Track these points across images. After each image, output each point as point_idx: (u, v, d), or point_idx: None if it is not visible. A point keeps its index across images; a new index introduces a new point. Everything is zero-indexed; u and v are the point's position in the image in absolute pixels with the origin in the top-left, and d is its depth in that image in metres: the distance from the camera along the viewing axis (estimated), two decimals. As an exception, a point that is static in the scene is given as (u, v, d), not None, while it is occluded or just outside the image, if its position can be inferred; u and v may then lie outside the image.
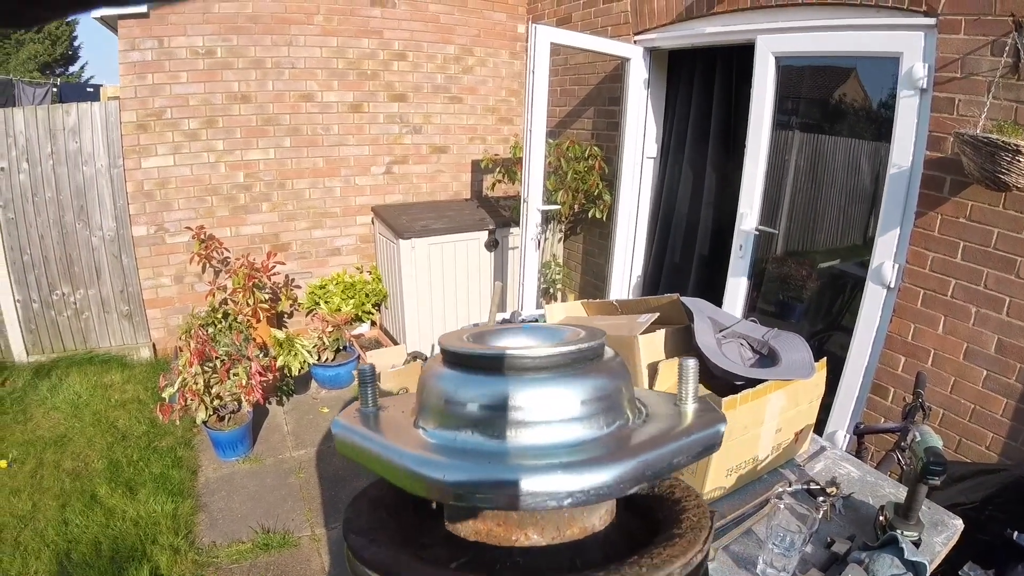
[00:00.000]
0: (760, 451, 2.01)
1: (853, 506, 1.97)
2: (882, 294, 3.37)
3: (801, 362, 2.02)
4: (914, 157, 3.14)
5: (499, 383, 0.48)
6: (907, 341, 3.29)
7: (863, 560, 1.66)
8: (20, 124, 4.71)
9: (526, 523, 0.50)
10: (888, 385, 3.40)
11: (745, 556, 1.77)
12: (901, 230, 3.24)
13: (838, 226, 4.14)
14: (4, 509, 3.57)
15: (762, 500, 1.95)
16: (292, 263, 5.65)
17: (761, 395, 1.89)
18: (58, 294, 5.11)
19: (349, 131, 5.59)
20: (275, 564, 3.36)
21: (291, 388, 4.98)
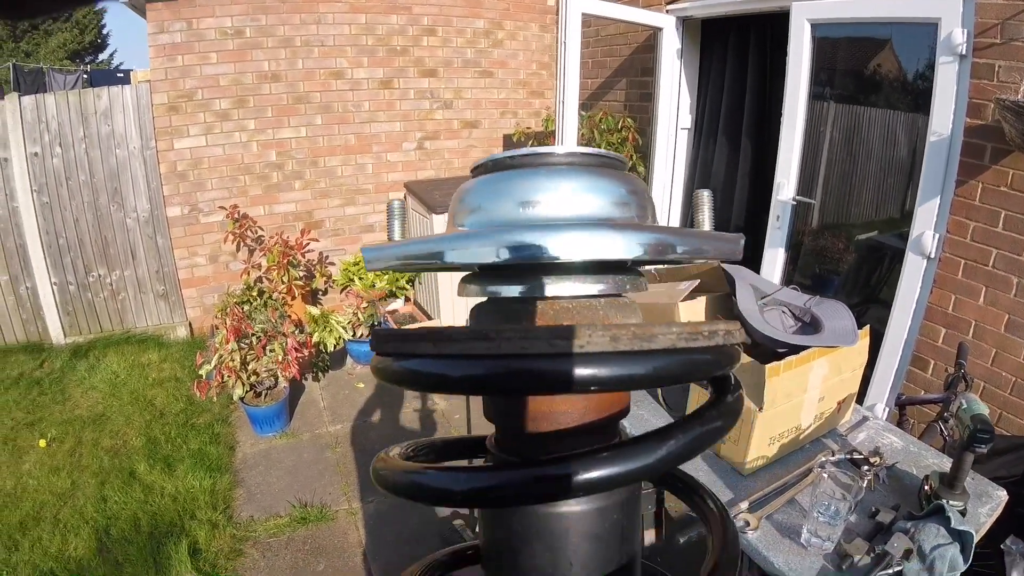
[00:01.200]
0: (803, 420, 2.00)
1: (897, 476, 1.95)
2: (922, 264, 3.31)
3: (844, 329, 1.99)
4: (954, 125, 3.06)
5: (532, 175, 0.46)
6: (947, 312, 3.23)
7: (909, 529, 1.64)
8: (52, 109, 4.75)
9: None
10: (928, 357, 3.35)
11: (789, 525, 1.76)
12: (941, 199, 3.18)
13: (875, 198, 4.07)
14: (44, 487, 3.63)
15: (805, 469, 1.93)
16: (325, 240, 5.67)
17: (804, 362, 1.87)
18: (94, 276, 5.17)
19: (380, 107, 5.57)
20: (312, 537, 3.39)
21: (327, 364, 5.01)
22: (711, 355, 0.42)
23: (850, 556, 1.60)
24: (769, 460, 1.99)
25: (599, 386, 0.38)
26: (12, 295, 5.00)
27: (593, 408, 0.46)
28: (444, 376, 0.41)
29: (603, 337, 0.38)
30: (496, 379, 0.39)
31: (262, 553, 3.29)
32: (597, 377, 0.38)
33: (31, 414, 4.32)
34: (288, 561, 3.24)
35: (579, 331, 0.38)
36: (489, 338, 0.38)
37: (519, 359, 0.38)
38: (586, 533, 0.45)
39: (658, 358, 0.39)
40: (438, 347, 0.40)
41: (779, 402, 1.86)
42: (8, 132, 4.65)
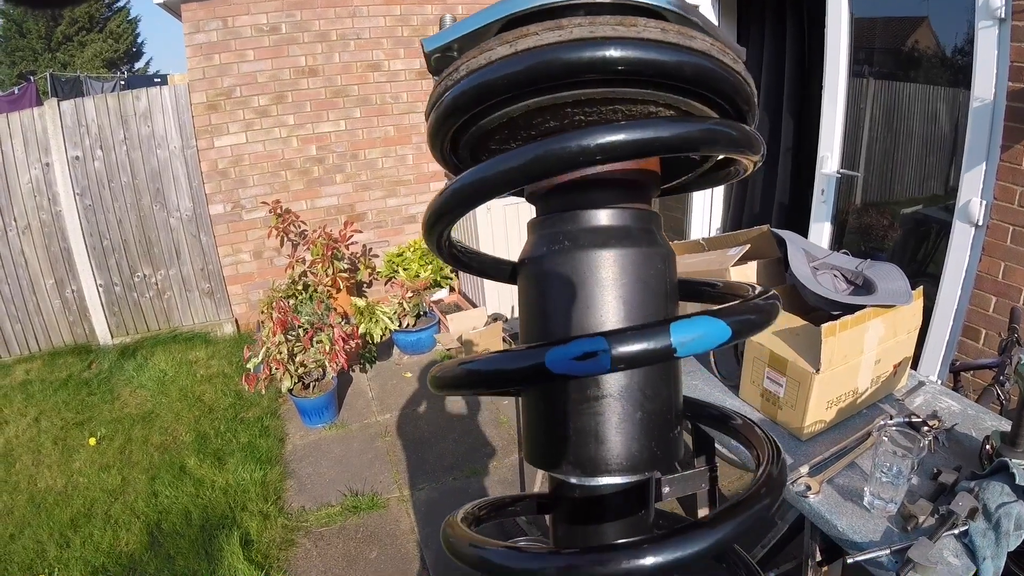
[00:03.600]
0: (859, 383, 1.97)
1: (956, 439, 1.92)
2: (970, 232, 3.25)
3: (899, 290, 1.96)
4: (996, 90, 3.00)
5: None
6: (997, 280, 3.16)
7: (972, 489, 1.61)
8: (91, 112, 4.84)
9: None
10: (979, 326, 3.28)
11: (851, 489, 1.74)
12: (987, 165, 3.11)
13: (919, 173, 4.00)
14: (94, 484, 3.70)
15: (863, 433, 1.90)
16: (368, 233, 5.70)
17: (860, 322, 1.85)
18: (139, 276, 5.26)
19: (418, 98, 5.59)
20: (364, 526, 3.41)
21: (374, 355, 5.03)
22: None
23: (915, 517, 1.57)
24: (827, 425, 1.96)
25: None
26: (58, 298, 5.10)
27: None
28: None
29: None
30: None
31: (314, 543, 3.31)
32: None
33: (80, 414, 4.40)
34: (340, 550, 3.26)
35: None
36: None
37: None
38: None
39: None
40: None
41: (836, 364, 1.84)
42: (49, 137, 4.75)
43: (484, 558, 0.44)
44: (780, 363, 1.93)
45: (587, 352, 0.43)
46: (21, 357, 5.06)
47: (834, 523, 1.64)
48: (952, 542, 1.54)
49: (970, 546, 1.52)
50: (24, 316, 5.02)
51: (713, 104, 0.52)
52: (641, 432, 0.50)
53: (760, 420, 2.07)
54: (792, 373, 1.90)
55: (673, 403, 0.52)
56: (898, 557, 1.49)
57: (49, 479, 3.77)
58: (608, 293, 0.50)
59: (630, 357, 0.43)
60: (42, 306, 5.06)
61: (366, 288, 5.83)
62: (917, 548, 1.44)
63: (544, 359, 0.44)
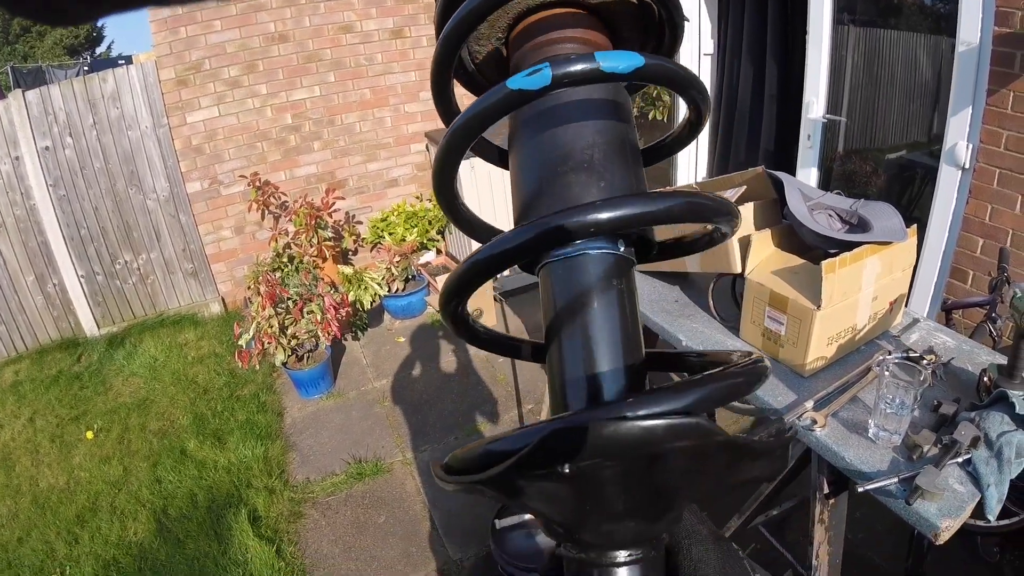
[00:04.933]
0: (858, 320, 2.00)
1: (953, 373, 1.96)
2: (957, 175, 3.26)
3: (893, 227, 1.99)
4: (982, 34, 2.99)
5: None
6: (984, 223, 3.18)
7: (974, 419, 1.66)
8: (58, 100, 4.71)
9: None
10: (967, 268, 3.31)
11: (855, 422, 1.78)
12: (973, 109, 3.12)
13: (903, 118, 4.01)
14: (96, 477, 3.70)
15: (864, 368, 1.94)
16: (351, 199, 5.64)
17: (858, 259, 1.88)
18: (120, 263, 5.18)
19: (393, 59, 5.47)
20: (370, 491, 3.46)
21: (365, 322, 5.04)
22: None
23: (919, 447, 1.61)
24: (828, 361, 1.99)
25: None
26: (40, 294, 5.02)
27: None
28: None
29: None
30: None
31: (322, 512, 3.36)
32: None
33: (74, 408, 4.38)
34: (349, 517, 3.31)
35: None
36: None
37: None
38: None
39: None
40: None
41: (836, 300, 1.87)
42: (16, 130, 4.61)
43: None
44: (781, 302, 1.95)
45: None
46: (8, 359, 4.99)
47: (841, 455, 1.69)
48: (956, 470, 1.59)
49: (974, 474, 1.57)
50: (7, 316, 4.94)
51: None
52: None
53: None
54: (793, 311, 1.92)
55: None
56: (906, 485, 1.53)
57: (51, 478, 3.76)
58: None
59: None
60: (24, 304, 4.98)
61: (352, 256, 5.78)
62: (924, 476, 1.48)
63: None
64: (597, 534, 0.41)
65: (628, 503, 0.39)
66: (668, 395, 0.37)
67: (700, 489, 0.40)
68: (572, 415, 0.39)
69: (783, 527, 2.81)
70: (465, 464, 0.41)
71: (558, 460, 0.36)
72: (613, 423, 0.35)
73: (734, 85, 4.76)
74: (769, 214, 2.22)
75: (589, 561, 0.41)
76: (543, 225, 0.41)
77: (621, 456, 0.36)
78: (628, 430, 0.35)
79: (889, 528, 2.83)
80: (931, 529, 1.47)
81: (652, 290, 2.59)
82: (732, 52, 4.73)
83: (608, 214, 0.39)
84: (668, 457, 0.37)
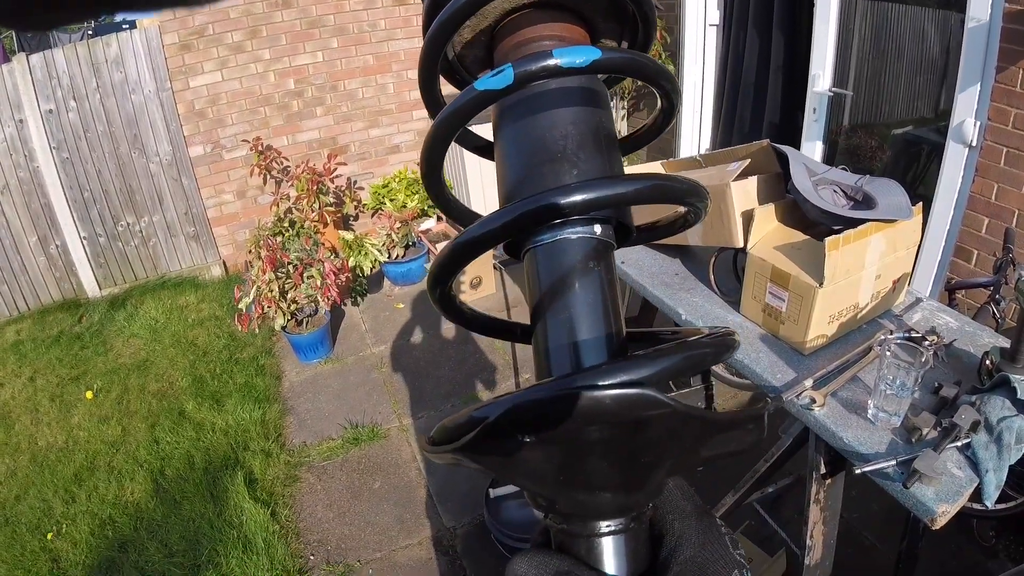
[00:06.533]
0: (860, 298, 1.98)
1: (955, 355, 1.94)
2: (963, 153, 3.23)
3: (899, 205, 1.96)
4: (992, 10, 2.96)
5: None
6: (990, 201, 3.16)
7: (974, 403, 1.64)
8: (62, 63, 4.68)
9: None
10: (972, 248, 3.29)
11: (854, 401, 1.77)
12: (982, 86, 3.08)
13: (910, 93, 3.97)
14: (95, 437, 3.72)
15: (865, 348, 1.92)
16: (352, 165, 5.62)
17: (863, 236, 1.85)
18: (123, 225, 5.18)
19: (396, 24, 5.43)
20: (366, 456, 3.47)
21: (364, 288, 5.03)
22: None
23: (918, 430, 1.60)
24: (829, 339, 1.97)
25: None
26: (43, 255, 5.02)
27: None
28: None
29: None
30: None
31: (318, 477, 3.37)
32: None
33: (75, 368, 4.39)
34: (344, 482, 3.33)
35: None
36: None
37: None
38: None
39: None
40: None
41: (838, 278, 1.84)
42: (20, 94, 4.59)
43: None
44: (783, 278, 1.93)
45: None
46: (10, 319, 4.99)
47: (840, 435, 1.67)
48: (955, 454, 1.58)
49: (973, 458, 1.56)
50: (10, 276, 4.94)
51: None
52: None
53: (761, 335, 2.09)
54: (795, 287, 1.90)
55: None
56: (904, 468, 1.52)
57: (49, 436, 3.77)
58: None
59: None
60: (27, 264, 4.98)
61: (353, 222, 5.78)
62: (923, 459, 1.47)
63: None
64: (575, 504, 0.41)
65: (599, 474, 0.39)
66: (628, 365, 0.38)
67: (670, 461, 0.41)
68: (535, 386, 0.39)
69: (778, 504, 2.82)
70: (448, 434, 0.42)
71: (522, 430, 0.37)
72: (566, 393, 0.36)
73: (740, 57, 4.71)
74: (773, 188, 2.19)
75: (571, 531, 0.42)
76: (514, 210, 0.42)
77: (577, 426, 0.37)
78: (582, 400, 0.36)
79: (885, 509, 2.83)
80: (928, 514, 1.46)
81: (653, 262, 2.57)
82: (738, 23, 4.68)
83: (576, 197, 0.41)
84: (628, 427, 0.38)
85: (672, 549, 0.40)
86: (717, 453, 0.42)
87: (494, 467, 0.41)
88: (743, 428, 0.41)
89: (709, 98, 5.08)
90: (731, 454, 0.42)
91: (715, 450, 0.41)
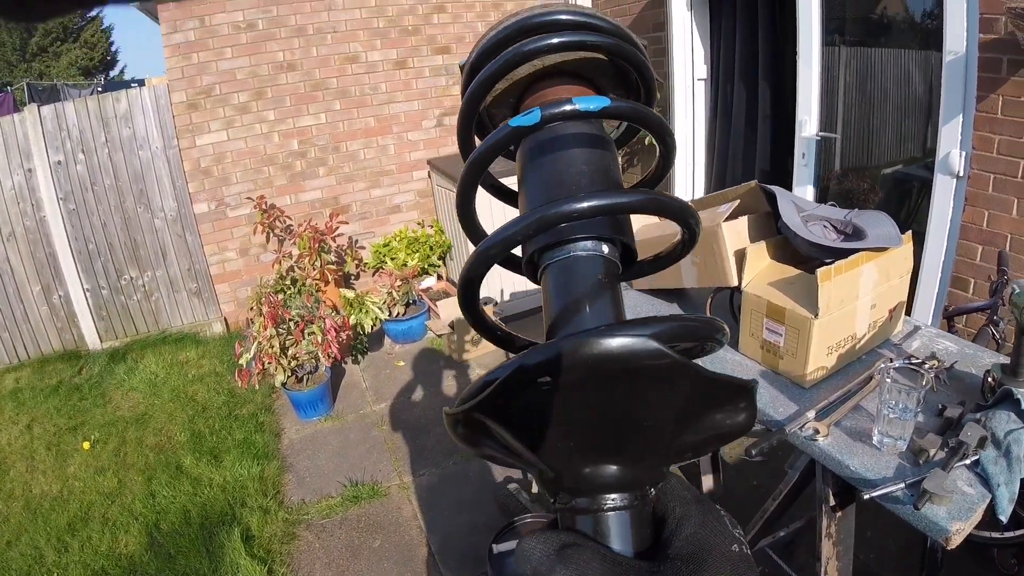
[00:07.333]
0: (857, 328, 1.98)
1: (957, 377, 1.93)
2: (952, 184, 3.27)
3: (888, 234, 1.99)
4: (968, 42, 3.03)
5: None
6: (982, 229, 3.18)
7: (980, 419, 1.62)
8: (72, 116, 4.79)
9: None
10: (968, 277, 3.30)
11: (858, 429, 1.75)
12: (964, 116, 3.14)
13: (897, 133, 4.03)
14: (90, 488, 3.67)
15: (866, 376, 1.91)
16: (354, 224, 5.67)
17: (854, 266, 1.86)
18: (126, 279, 5.21)
19: (396, 88, 5.57)
20: (366, 515, 3.41)
21: (365, 346, 5.03)
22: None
23: (925, 451, 1.58)
24: (828, 371, 1.97)
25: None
26: (45, 304, 5.05)
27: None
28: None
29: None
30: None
31: (316, 535, 3.31)
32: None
33: (73, 419, 4.36)
34: (343, 540, 3.26)
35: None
36: None
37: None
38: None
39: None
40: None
41: (833, 308, 1.85)
42: (30, 143, 4.70)
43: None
44: (778, 312, 1.93)
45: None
46: (10, 366, 5.00)
47: (846, 463, 1.65)
48: (965, 472, 1.56)
49: (983, 475, 1.54)
50: (11, 324, 4.96)
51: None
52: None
53: (762, 372, 2.08)
54: (791, 321, 1.90)
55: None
56: (913, 490, 1.50)
57: (44, 484, 3.73)
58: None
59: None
60: (29, 313, 5.01)
61: (354, 281, 5.81)
62: (932, 479, 1.45)
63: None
64: (579, 478, 0.43)
65: (601, 438, 0.41)
66: (631, 324, 0.40)
67: (668, 428, 0.42)
68: (548, 342, 0.42)
69: (791, 549, 2.76)
70: (465, 399, 0.43)
71: (535, 375, 0.40)
72: (578, 339, 0.38)
73: (728, 108, 4.83)
74: (763, 227, 2.21)
75: (577, 508, 0.43)
76: (528, 216, 0.46)
77: (584, 374, 0.39)
78: (590, 347, 0.38)
79: (901, 548, 2.77)
80: (941, 533, 1.43)
81: (651, 307, 2.57)
82: (725, 76, 4.81)
83: (583, 204, 0.45)
84: (632, 379, 0.39)
85: (674, 529, 0.42)
86: (710, 432, 0.43)
87: (504, 437, 0.42)
88: (734, 402, 0.43)
89: (701, 149, 5.18)
90: (723, 436, 0.44)
91: (708, 423, 0.43)
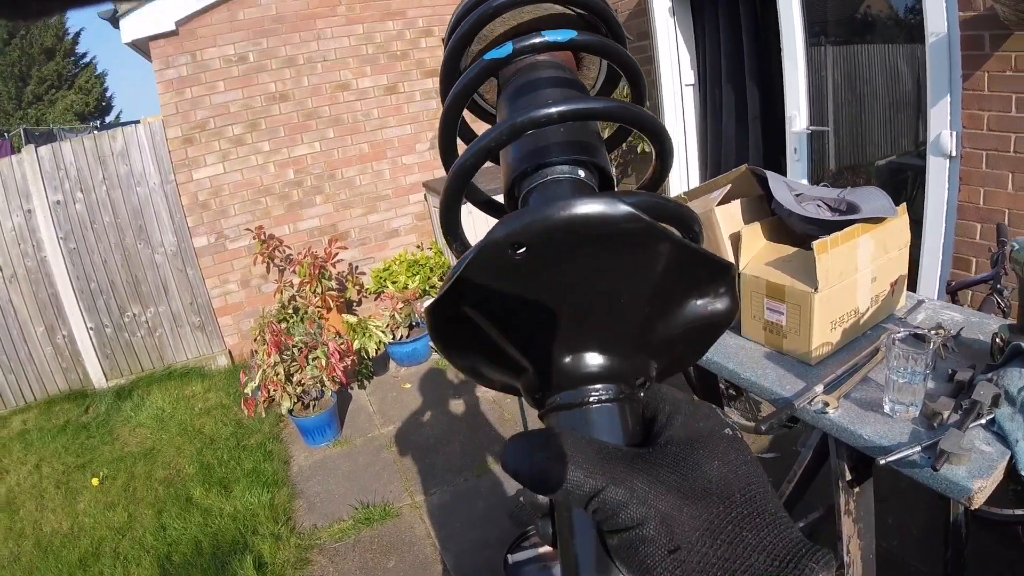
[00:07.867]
0: (859, 302, 1.97)
1: (965, 344, 1.92)
2: (945, 165, 3.26)
3: (883, 206, 1.99)
4: (948, 20, 3.04)
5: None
6: (979, 207, 3.17)
7: (991, 378, 1.61)
8: (70, 156, 4.84)
9: None
10: (969, 256, 3.28)
11: (869, 400, 1.74)
12: (951, 96, 3.14)
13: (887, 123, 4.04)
14: (100, 523, 3.65)
15: (872, 349, 1.90)
16: (353, 250, 5.70)
17: (851, 238, 1.86)
18: (129, 316, 5.22)
19: (388, 113, 5.62)
20: (379, 536, 3.38)
21: (370, 370, 5.01)
22: None
23: (939, 414, 1.57)
24: (834, 347, 1.95)
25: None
26: (50, 345, 5.06)
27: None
28: None
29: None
30: None
31: (329, 559, 3.28)
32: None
33: (81, 457, 4.35)
34: (357, 563, 3.23)
35: None
36: None
37: None
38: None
39: None
40: None
41: (833, 281, 1.84)
42: (29, 184, 4.73)
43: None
44: (778, 291, 1.93)
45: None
46: (17, 408, 5.00)
47: (859, 433, 1.63)
48: (981, 432, 1.54)
49: (999, 432, 1.52)
50: (16, 366, 4.97)
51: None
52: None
53: (766, 353, 2.06)
54: (792, 298, 1.89)
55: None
56: (930, 453, 1.47)
57: (54, 522, 3.71)
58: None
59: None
60: (34, 354, 5.01)
61: (356, 307, 5.82)
62: (948, 439, 1.43)
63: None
64: (564, 371, 0.42)
65: (579, 317, 0.41)
66: (605, 193, 0.42)
67: (647, 305, 0.41)
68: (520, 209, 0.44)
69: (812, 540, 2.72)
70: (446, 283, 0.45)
71: (519, 237, 0.39)
72: (551, 206, 0.38)
73: (718, 111, 4.87)
74: (757, 209, 2.21)
75: (563, 404, 0.42)
76: (499, 126, 0.46)
77: (561, 237, 0.38)
78: (565, 208, 0.37)
79: (924, 532, 2.73)
80: (964, 493, 1.40)
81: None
82: (712, 80, 4.85)
83: (550, 109, 0.44)
84: (606, 249, 0.39)
85: (664, 423, 0.41)
86: (690, 322, 0.43)
87: (487, 328, 0.42)
88: (713, 284, 0.42)
89: (693, 153, 5.22)
90: (703, 328, 0.43)
91: (688, 309, 0.42)
